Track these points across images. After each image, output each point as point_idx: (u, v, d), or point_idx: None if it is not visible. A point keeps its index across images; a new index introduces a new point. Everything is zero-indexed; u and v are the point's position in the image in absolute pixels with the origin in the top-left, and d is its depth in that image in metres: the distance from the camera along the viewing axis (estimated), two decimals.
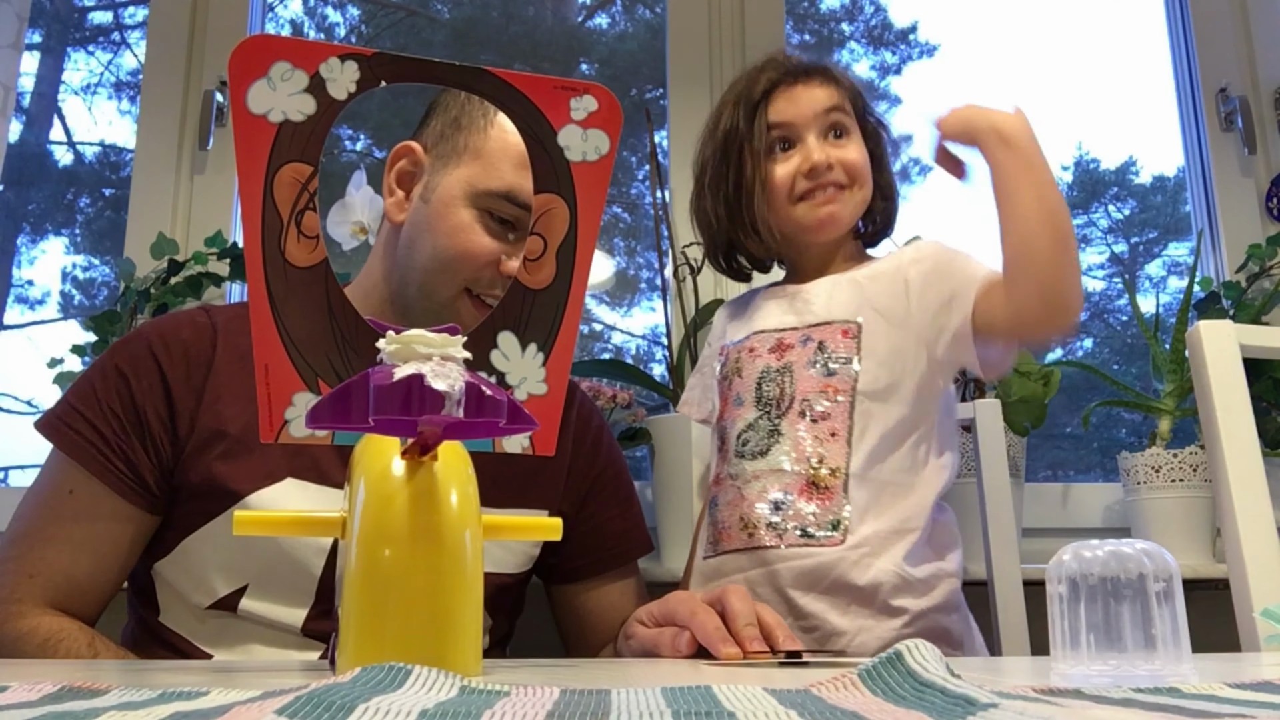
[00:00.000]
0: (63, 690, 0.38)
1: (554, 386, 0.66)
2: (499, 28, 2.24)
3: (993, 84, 2.18)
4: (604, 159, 0.67)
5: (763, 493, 1.01)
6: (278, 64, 0.61)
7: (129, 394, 0.88)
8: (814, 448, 1.01)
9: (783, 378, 1.05)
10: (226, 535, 0.87)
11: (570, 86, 0.66)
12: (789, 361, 1.06)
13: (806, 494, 1.00)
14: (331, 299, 0.63)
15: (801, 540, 0.98)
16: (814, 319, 1.08)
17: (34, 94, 2.21)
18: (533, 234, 0.65)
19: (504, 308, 0.66)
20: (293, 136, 0.62)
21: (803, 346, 1.06)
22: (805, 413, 1.03)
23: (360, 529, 0.53)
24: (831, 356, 1.04)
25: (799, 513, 1.00)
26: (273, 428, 0.61)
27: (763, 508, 1.01)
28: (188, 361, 0.90)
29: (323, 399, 0.49)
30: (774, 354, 1.08)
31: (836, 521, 0.99)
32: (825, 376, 1.04)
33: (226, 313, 0.96)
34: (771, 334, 1.10)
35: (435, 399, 0.46)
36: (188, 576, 0.89)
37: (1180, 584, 0.55)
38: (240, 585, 0.87)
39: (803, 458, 1.01)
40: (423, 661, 0.43)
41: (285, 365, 0.61)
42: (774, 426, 1.03)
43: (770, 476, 1.01)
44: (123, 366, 0.90)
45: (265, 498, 0.87)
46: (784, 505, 1.00)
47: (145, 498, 0.88)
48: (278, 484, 0.88)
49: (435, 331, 0.51)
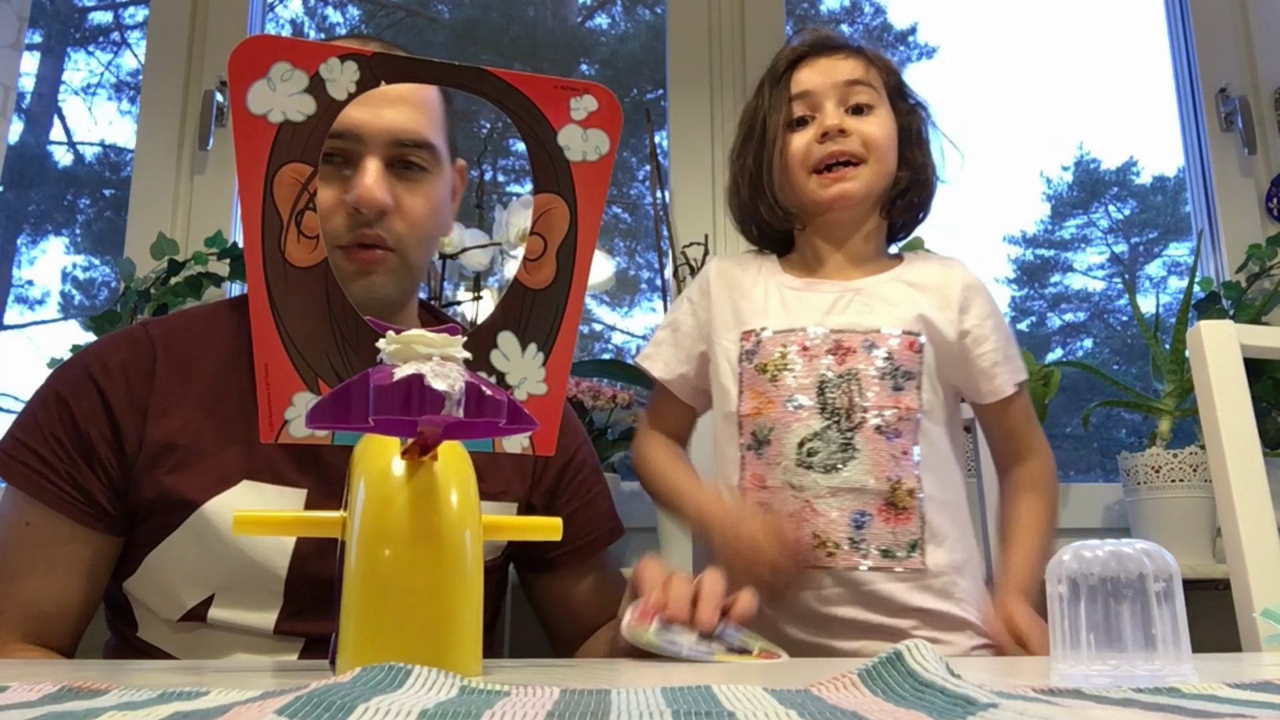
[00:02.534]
0: (63, 690, 0.38)
1: (554, 386, 0.66)
2: (499, 28, 2.24)
3: (993, 84, 2.18)
4: (604, 159, 0.67)
5: (841, 510, 0.98)
6: (278, 64, 0.61)
7: (71, 419, 0.87)
8: (892, 467, 0.99)
9: (850, 385, 1.01)
10: (187, 547, 0.86)
11: (570, 86, 0.66)
12: (853, 368, 1.01)
13: (885, 514, 0.98)
14: (331, 299, 0.63)
15: (885, 561, 0.97)
16: (876, 324, 1.04)
17: (34, 94, 2.21)
18: (533, 234, 0.65)
19: (504, 308, 0.66)
20: (293, 137, 0.62)
21: (867, 353, 1.02)
22: (881, 429, 0.99)
23: (360, 529, 0.53)
24: (900, 370, 1.01)
25: (879, 533, 0.97)
26: (273, 428, 0.61)
27: (843, 526, 0.98)
28: (127, 380, 0.89)
29: (323, 399, 0.49)
30: (834, 356, 1.03)
31: (914, 543, 0.98)
32: (895, 391, 1.01)
33: (164, 325, 0.95)
34: (827, 333, 1.04)
35: (435, 399, 0.46)
36: (155, 592, 0.89)
37: (1180, 584, 0.55)
38: (207, 595, 0.87)
39: (882, 476, 0.98)
40: (423, 661, 0.43)
41: (285, 365, 0.61)
42: (847, 440, 0.99)
43: (849, 495, 0.98)
44: (63, 393, 0.89)
45: (221, 504, 0.86)
46: (864, 524, 0.98)
47: (102, 520, 0.88)
48: (233, 489, 0.87)
49: (435, 331, 0.51)
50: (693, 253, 1.72)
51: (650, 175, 1.76)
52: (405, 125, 0.89)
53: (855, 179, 1.05)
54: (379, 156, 0.88)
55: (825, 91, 1.07)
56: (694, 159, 1.86)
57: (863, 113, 1.07)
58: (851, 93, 1.07)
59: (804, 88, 1.08)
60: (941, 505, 1.00)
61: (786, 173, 1.07)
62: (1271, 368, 1.58)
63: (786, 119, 1.08)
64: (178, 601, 0.87)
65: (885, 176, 1.08)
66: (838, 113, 1.06)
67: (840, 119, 1.05)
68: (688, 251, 1.73)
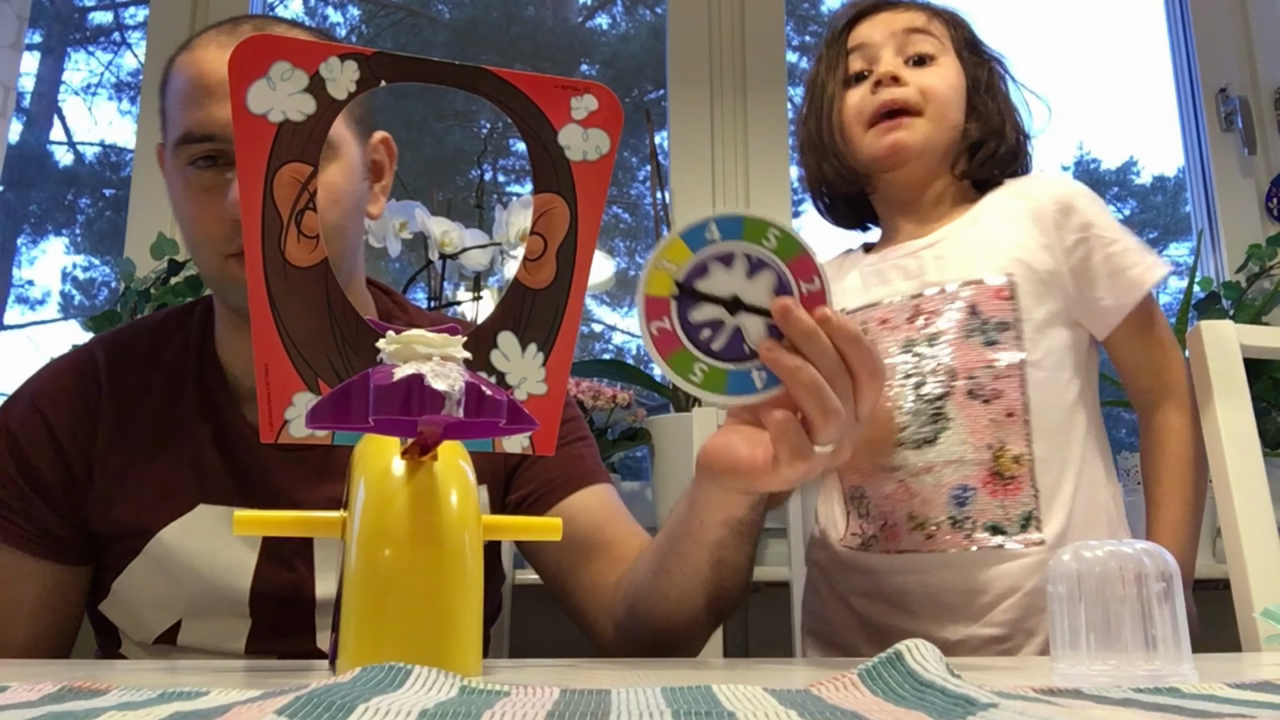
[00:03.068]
0: (63, 690, 0.38)
1: (554, 386, 0.66)
2: (500, 28, 2.24)
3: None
4: (604, 158, 0.66)
5: (938, 487, 0.90)
6: (278, 64, 0.61)
7: (21, 454, 0.86)
8: (992, 432, 0.90)
9: (934, 348, 0.93)
10: (149, 573, 0.85)
11: (570, 86, 0.66)
12: (937, 330, 0.93)
13: (990, 486, 0.89)
14: (331, 299, 0.63)
15: (994, 541, 0.88)
16: (955, 276, 0.95)
17: (34, 94, 2.21)
18: (533, 234, 0.65)
19: (504, 307, 0.66)
20: (293, 136, 0.61)
21: (952, 310, 0.93)
22: (974, 392, 0.90)
23: (360, 529, 0.53)
24: (989, 322, 0.92)
25: (985, 508, 0.88)
26: (273, 427, 0.61)
27: (943, 504, 0.89)
28: (72, 411, 0.88)
29: (322, 399, 0.49)
30: (912, 323, 0.95)
31: (1028, 516, 0.88)
32: (987, 346, 0.91)
33: (112, 346, 0.92)
34: (905, 299, 0.96)
35: (436, 399, 0.46)
36: (125, 616, 0.88)
37: (1180, 584, 0.55)
38: (174, 620, 0.86)
39: (981, 444, 0.89)
40: (423, 661, 0.43)
41: (285, 365, 0.61)
42: (937, 410, 0.91)
43: (945, 468, 0.89)
44: (11, 427, 0.88)
45: (177, 530, 0.85)
46: (967, 500, 0.89)
47: (59, 552, 0.87)
48: (189, 514, 0.85)
49: (435, 331, 0.51)
50: None
51: (650, 175, 1.76)
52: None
53: (910, 129, 0.98)
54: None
55: (882, 41, 1.00)
56: (694, 159, 1.86)
57: (924, 64, 0.99)
58: (910, 41, 1.00)
59: (860, 40, 1.02)
60: (1062, 466, 0.90)
61: (844, 130, 1.01)
62: (1271, 368, 1.58)
63: (844, 76, 1.02)
64: (147, 628, 0.86)
65: (948, 129, 0.99)
66: (895, 61, 0.99)
67: (896, 66, 0.99)
68: None
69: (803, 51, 2.22)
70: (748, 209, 0.68)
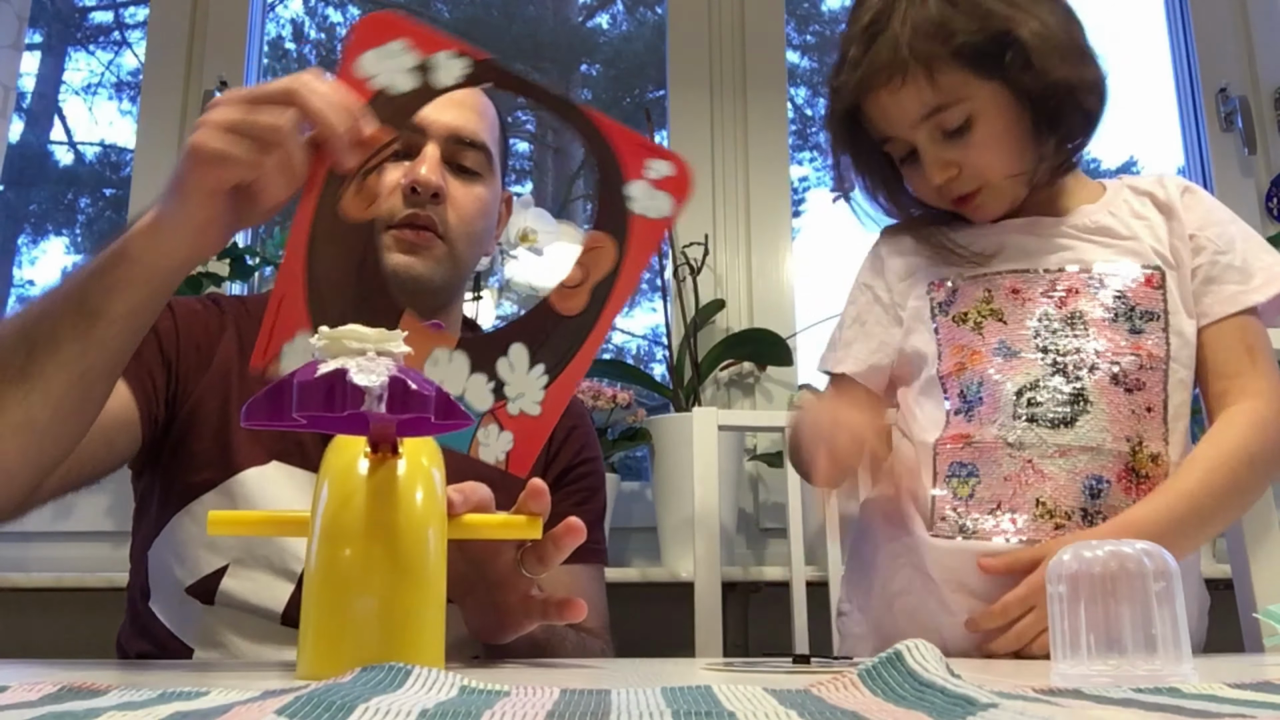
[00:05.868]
0: (63, 690, 0.38)
1: (547, 413, 0.67)
2: (500, 27, 2.24)
3: None
4: (664, 220, 0.69)
5: (1072, 473, 0.84)
6: (397, 40, 0.65)
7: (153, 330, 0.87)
8: (1132, 425, 0.84)
9: (1074, 328, 0.88)
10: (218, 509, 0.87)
11: (653, 150, 0.69)
12: (1078, 309, 0.88)
13: (1125, 482, 0.83)
14: (366, 259, 0.66)
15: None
16: (1101, 258, 0.90)
17: (34, 94, 2.21)
18: (577, 265, 0.68)
19: (525, 321, 0.67)
20: (388, 103, 0.65)
21: (1094, 292, 0.89)
22: (1118, 379, 0.85)
23: (320, 528, 0.52)
24: (1136, 310, 0.87)
25: (1117, 505, 0.83)
26: (265, 356, 0.62)
27: (1074, 493, 0.83)
28: (193, 332, 0.92)
29: (258, 395, 0.48)
30: (1049, 298, 0.89)
31: None
32: (1132, 335, 0.87)
33: (234, 303, 0.98)
34: (1040, 274, 0.91)
35: (357, 394, 0.46)
36: (174, 555, 0.89)
37: (1180, 584, 0.55)
38: (223, 564, 0.87)
39: (1121, 436, 0.84)
40: (380, 661, 0.42)
41: (300, 301, 0.63)
42: (1078, 390, 0.85)
43: (1081, 455, 0.84)
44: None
45: (256, 475, 0.87)
46: (1101, 493, 0.83)
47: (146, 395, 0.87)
48: (266, 465, 0.88)
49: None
50: (693, 253, 1.72)
51: None
52: (465, 124, 0.91)
53: (983, 202, 0.93)
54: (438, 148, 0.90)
55: (909, 135, 0.91)
56: (694, 159, 1.85)
57: (957, 134, 0.90)
58: (936, 122, 0.90)
59: (884, 133, 0.93)
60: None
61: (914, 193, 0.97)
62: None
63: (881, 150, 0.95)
64: (193, 569, 0.87)
65: (1022, 183, 0.93)
66: (937, 151, 0.91)
67: (940, 159, 0.91)
68: (687, 251, 1.73)
69: (803, 51, 2.21)
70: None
